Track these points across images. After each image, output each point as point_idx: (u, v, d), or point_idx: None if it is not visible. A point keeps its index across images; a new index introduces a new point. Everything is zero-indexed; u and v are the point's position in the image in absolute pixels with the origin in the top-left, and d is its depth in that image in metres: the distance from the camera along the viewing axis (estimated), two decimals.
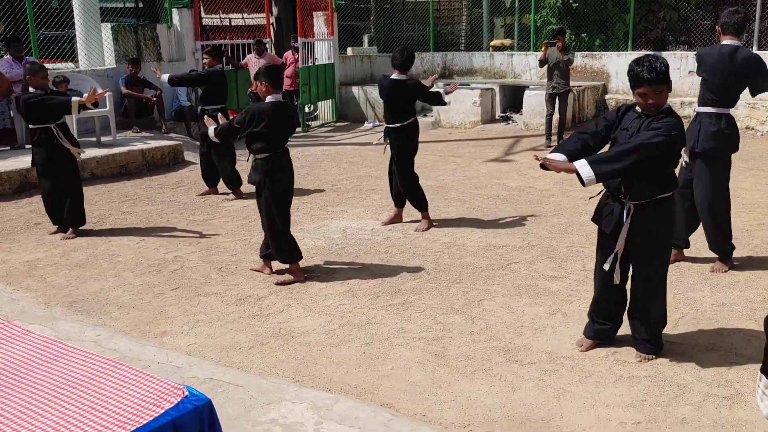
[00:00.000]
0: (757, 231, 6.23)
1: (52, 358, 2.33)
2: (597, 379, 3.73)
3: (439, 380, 3.77)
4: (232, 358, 4.09)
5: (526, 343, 4.18)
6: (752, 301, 4.70)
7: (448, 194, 7.96)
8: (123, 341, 4.27)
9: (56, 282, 5.41)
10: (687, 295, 4.85)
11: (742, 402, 3.46)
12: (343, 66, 15.09)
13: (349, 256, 5.86)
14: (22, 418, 1.99)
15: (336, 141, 12.46)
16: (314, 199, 7.94)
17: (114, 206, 7.74)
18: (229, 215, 7.32)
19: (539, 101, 12.17)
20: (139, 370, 2.23)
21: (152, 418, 1.96)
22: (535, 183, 8.50)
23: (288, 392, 3.58)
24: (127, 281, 5.40)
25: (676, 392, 3.58)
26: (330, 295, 5.02)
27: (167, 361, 3.96)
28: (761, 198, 7.40)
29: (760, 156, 9.74)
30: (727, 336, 4.20)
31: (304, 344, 4.25)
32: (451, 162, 9.99)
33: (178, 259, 5.88)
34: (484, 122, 13.33)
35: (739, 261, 5.40)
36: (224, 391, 3.60)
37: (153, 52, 12.00)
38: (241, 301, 4.96)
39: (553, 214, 7.03)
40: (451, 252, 5.91)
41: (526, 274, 5.33)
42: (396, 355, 4.07)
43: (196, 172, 9.16)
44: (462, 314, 4.63)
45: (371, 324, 4.51)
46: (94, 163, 9.02)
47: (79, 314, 4.78)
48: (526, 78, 15.36)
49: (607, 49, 14.88)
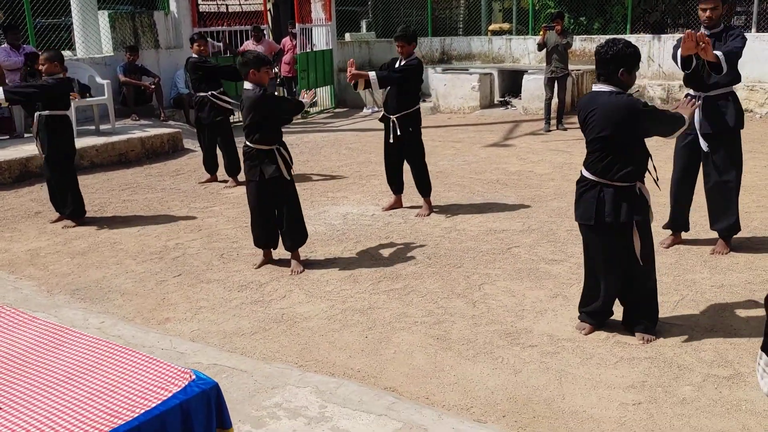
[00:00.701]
0: (756, 213, 6.25)
1: (60, 343, 2.35)
2: (598, 360, 3.77)
3: (442, 364, 3.80)
4: (235, 343, 4.12)
5: (528, 326, 4.21)
6: (751, 283, 4.73)
7: (447, 179, 7.97)
8: (127, 328, 4.29)
9: (59, 270, 5.43)
10: (686, 277, 4.88)
11: (742, 382, 3.50)
12: (341, 52, 15.04)
13: (350, 242, 5.88)
14: (32, 402, 2.01)
15: (335, 127, 12.45)
16: (314, 185, 7.95)
17: (114, 194, 7.75)
18: (229, 202, 7.33)
19: (538, 85, 12.15)
20: (147, 355, 2.25)
21: (161, 401, 1.99)
22: (535, 167, 8.51)
23: (292, 377, 3.62)
24: (129, 269, 5.42)
25: (676, 373, 3.61)
26: (331, 281, 5.04)
27: (171, 348, 3.99)
28: (760, 180, 7.41)
29: (759, 138, 9.74)
30: (726, 317, 4.23)
31: (306, 329, 4.28)
32: (450, 147, 9.99)
33: (179, 246, 5.90)
34: (483, 107, 13.31)
35: (738, 243, 5.43)
36: (228, 376, 3.63)
37: (150, 39, 11.96)
38: (244, 287, 4.99)
39: (552, 198, 7.05)
40: (452, 237, 5.93)
41: (526, 258, 5.35)
42: (398, 339, 4.10)
43: (196, 160, 9.18)
44: (463, 298, 4.66)
45: (373, 309, 4.54)
46: (93, 151, 9.02)
47: (82, 302, 4.81)
48: (524, 62, 15.31)
49: (605, 33, 14.81)
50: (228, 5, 15.45)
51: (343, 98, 14.73)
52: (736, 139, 5.19)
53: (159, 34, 12.07)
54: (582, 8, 15.49)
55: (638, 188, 3.80)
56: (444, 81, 13.58)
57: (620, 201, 3.76)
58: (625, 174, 3.75)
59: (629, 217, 3.76)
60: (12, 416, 1.94)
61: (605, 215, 3.77)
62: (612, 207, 3.76)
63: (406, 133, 6.39)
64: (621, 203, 3.76)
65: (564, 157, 9.02)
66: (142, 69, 11.30)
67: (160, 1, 12.35)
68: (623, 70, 3.71)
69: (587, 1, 15.36)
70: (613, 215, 3.76)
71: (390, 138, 6.46)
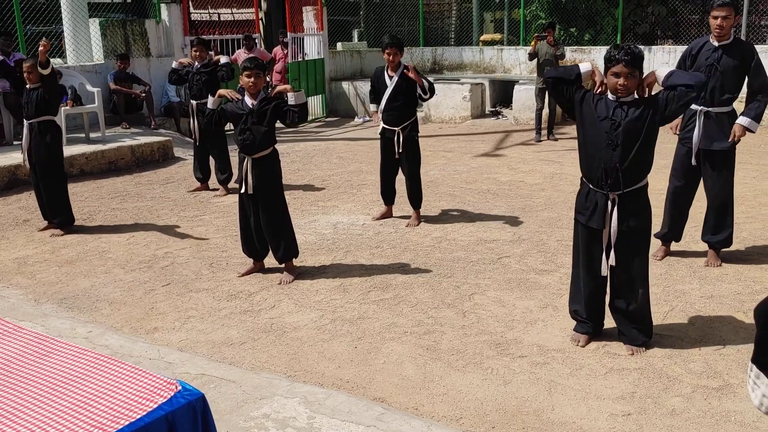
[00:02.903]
0: (745, 224, 6.28)
1: (45, 354, 2.32)
2: (587, 371, 3.76)
3: (431, 374, 3.78)
4: (224, 353, 4.09)
5: (518, 336, 4.20)
6: (741, 294, 4.74)
7: (438, 189, 7.98)
8: (114, 338, 4.26)
9: (46, 279, 5.39)
10: (676, 287, 4.88)
11: (731, 393, 3.50)
12: (333, 61, 15.06)
13: (340, 252, 5.87)
14: (15, 414, 1.98)
15: (326, 136, 12.44)
16: (305, 194, 7.93)
17: (103, 203, 7.71)
18: (219, 211, 7.31)
19: (529, 96, 12.20)
20: (132, 366, 2.23)
21: (146, 412, 1.96)
22: (526, 177, 8.53)
23: (280, 387, 3.59)
24: (117, 278, 5.39)
25: (665, 384, 3.61)
26: (321, 291, 5.02)
27: (159, 357, 3.96)
28: (749, 191, 7.45)
29: (748, 150, 9.79)
30: (716, 328, 4.24)
31: (295, 339, 4.25)
32: (441, 157, 10.00)
33: (168, 255, 5.87)
34: (474, 117, 13.35)
35: (728, 254, 5.44)
36: (216, 386, 3.60)
37: (142, 47, 11.94)
38: (233, 296, 4.96)
39: (543, 208, 7.06)
40: (442, 246, 5.92)
41: (517, 268, 5.35)
42: (388, 349, 4.09)
43: (186, 168, 9.15)
44: (453, 308, 4.64)
45: (363, 319, 4.52)
46: (83, 159, 8.97)
47: (69, 311, 4.77)
48: (515, 73, 15.38)
49: (596, 44, 14.91)
50: (220, 14, 15.47)
51: (334, 107, 14.74)
52: (730, 158, 5.19)
53: (150, 42, 12.06)
54: (573, 19, 15.59)
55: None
56: (435, 91, 13.60)
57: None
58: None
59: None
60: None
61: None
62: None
63: (410, 141, 6.35)
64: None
65: (555, 168, 9.04)
66: (132, 77, 11.27)
67: (152, 9, 12.35)
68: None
69: (578, 13, 15.47)
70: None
71: (396, 153, 6.36)
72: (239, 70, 5.13)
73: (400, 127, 6.31)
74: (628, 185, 3.76)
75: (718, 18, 4.83)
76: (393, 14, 18.85)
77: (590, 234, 3.92)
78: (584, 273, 4.01)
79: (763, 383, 2.04)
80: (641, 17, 15.20)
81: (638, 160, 3.74)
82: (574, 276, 4.14)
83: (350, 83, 14.59)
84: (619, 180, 3.74)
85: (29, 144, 6.36)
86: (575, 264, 4.11)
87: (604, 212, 3.82)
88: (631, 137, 3.70)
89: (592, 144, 3.81)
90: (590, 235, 3.93)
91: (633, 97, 3.74)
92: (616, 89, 3.70)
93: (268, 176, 5.08)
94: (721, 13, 4.82)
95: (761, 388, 2.03)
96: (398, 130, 6.31)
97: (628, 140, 3.70)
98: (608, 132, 3.73)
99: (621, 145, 3.70)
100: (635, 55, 3.62)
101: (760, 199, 7.14)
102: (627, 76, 3.65)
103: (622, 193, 3.77)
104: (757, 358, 2.06)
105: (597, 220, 3.84)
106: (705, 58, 4.99)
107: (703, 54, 5.00)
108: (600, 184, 3.80)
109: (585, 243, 3.97)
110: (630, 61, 3.61)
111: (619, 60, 3.62)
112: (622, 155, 3.71)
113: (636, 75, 3.67)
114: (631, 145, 3.71)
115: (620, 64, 3.62)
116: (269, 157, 5.09)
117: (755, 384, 2.04)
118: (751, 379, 2.05)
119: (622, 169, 3.73)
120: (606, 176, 3.76)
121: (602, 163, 3.76)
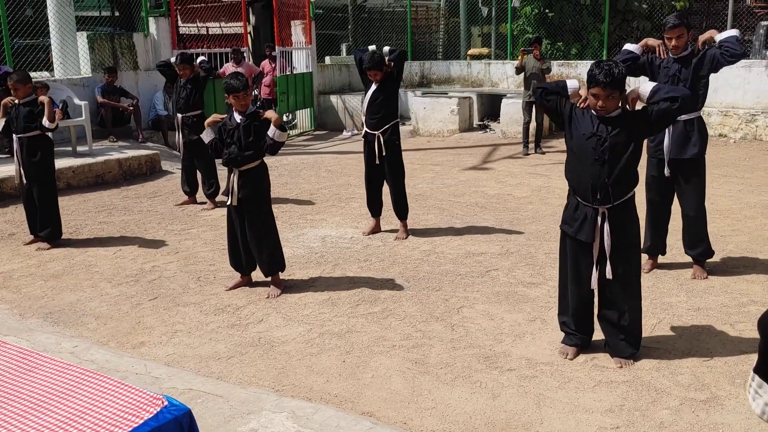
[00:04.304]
0: (731, 237, 6.32)
1: (29, 369, 2.30)
2: (576, 384, 3.76)
3: (420, 388, 3.77)
4: (211, 368, 4.06)
5: (506, 349, 4.20)
6: (727, 306, 4.76)
7: (426, 202, 7.99)
8: (100, 352, 4.22)
9: (32, 293, 5.34)
10: (663, 300, 4.90)
11: (719, 406, 3.50)
12: (321, 75, 15.10)
13: (329, 265, 5.86)
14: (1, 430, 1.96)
15: (314, 150, 12.45)
16: (293, 207, 7.92)
17: (90, 216, 7.67)
18: (207, 225, 7.28)
19: (516, 109, 12.27)
20: (118, 381, 2.21)
21: (131, 428, 1.94)
22: (513, 191, 8.56)
23: (268, 402, 3.57)
24: (104, 292, 5.35)
25: (653, 397, 3.62)
26: (309, 304, 5.01)
27: (146, 372, 3.92)
28: (734, 204, 7.51)
29: (733, 163, 9.89)
30: (703, 340, 4.26)
31: (283, 353, 4.23)
32: (429, 170, 10.03)
33: (155, 269, 5.84)
34: (462, 130, 13.41)
35: (714, 266, 5.48)
36: (204, 401, 3.57)
37: (130, 60, 11.92)
38: (220, 310, 4.93)
39: (531, 221, 7.08)
40: (431, 260, 5.93)
41: (505, 281, 5.36)
42: (376, 363, 4.07)
43: (173, 182, 9.12)
44: (442, 322, 4.64)
45: (351, 332, 4.51)
46: (70, 173, 8.93)
47: (55, 325, 4.73)
48: (503, 86, 15.47)
49: (583, 58, 15.04)
50: (208, 27, 15.47)
51: (322, 121, 14.76)
52: (701, 166, 5.24)
53: (138, 55, 12.04)
54: (559, 34, 15.73)
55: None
56: (423, 104, 13.67)
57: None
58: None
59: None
60: None
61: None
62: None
63: (390, 145, 6.40)
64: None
65: (542, 181, 9.08)
66: (120, 90, 11.24)
67: (140, 22, 12.34)
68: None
69: (565, 28, 15.60)
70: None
71: (375, 159, 6.43)
72: (223, 89, 5.13)
73: (380, 131, 6.37)
74: (617, 198, 3.79)
75: (672, 39, 5.08)
76: (381, 28, 18.94)
77: (578, 246, 3.94)
78: (572, 284, 4.03)
79: (766, 392, 2.05)
80: (627, 32, 15.35)
81: (626, 174, 3.78)
82: (561, 287, 4.15)
83: (338, 97, 14.63)
84: (609, 194, 3.77)
85: (21, 158, 6.33)
86: (562, 275, 4.13)
87: (594, 225, 3.84)
88: (617, 152, 3.74)
89: (579, 159, 3.84)
90: (578, 247, 3.94)
91: (618, 112, 3.78)
92: (597, 109, 3.75)
93: (255, 189, 5.07)
94: (673, 34, 5.07)
95: (763, 398, 2.04)
96: (378, 134, 6.37)
97: (614, 155, 3.74)
98: (594, 147, 3.76)
99: (608, 160, 3.74)
100: (614, 77, 3.65)
101: (745, 212, 7.20)
102: (606, 98, 3.69)
103: (610, 207, 3.80)
104: (759, 368, 2.07)
105: (586, 233, 3.86)
106: (666, 72, 5.13)
107: (663, 68, 5.14)
108: (589, 199, 3.82)
109: (573, 255, 3.99)
110: (609, 83, 3.65)
111: (598, 82, 3.66)
112: (609, 170, 3.74)
113: (615, 96, 3.71)
114: (618, 160, 3.74)
115: (599, 86, 3.67)
116: (257, 169, 5.08)
117: (757, 393, 2.05)
118: (753, 388, 2.06)
119: (611, 183, 3.76)
120: (594, 191, 3.79)
121: (590, 178, 3.78)
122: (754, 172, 9.38)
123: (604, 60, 3.85)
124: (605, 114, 3.75)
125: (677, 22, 5.04)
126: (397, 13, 18.70)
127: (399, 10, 18.55)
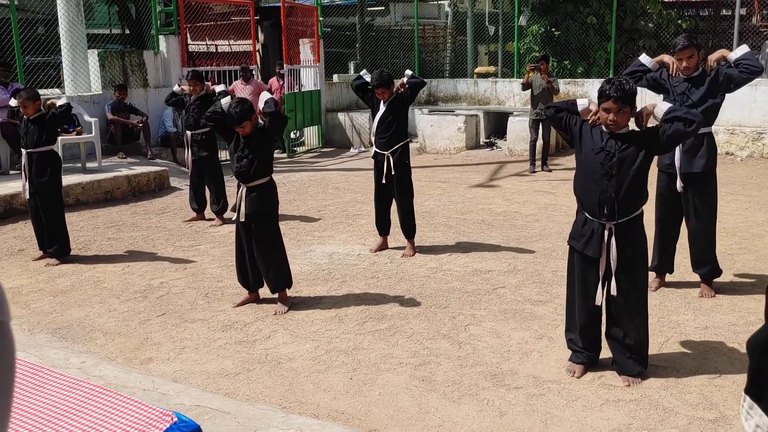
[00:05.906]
0: (738, 255, 6.31)
1: (40, 384, 2.32)
2: (583, 403, 3.75)
3: (427, 405, 3.77)
4: (218, 384, 4.07)
5: (513, 367, 4.20)
6: (735, 324, 4.75)
7: (434, 219, 8.00)
8: (108, 368, 4.23)
9: (41, 308, 5.37)
10: (671, 318, 4.89)
11: (727, 425, 3.49)
12: (329, 93, 15.20)
13: (336, 282, 5.87)
14: None
15: (322, 167, 12.50)
16: (300, 224, 7.95)
17: (99, 232, 7.71)
18: (215, 241, 7.31)
19: (523, 127, 12.30)
20: (128, 397, 2.22)
21: None
22: (520, 208, 8.57)
23: (275, 419, 3.57)
24: (112, 307, 5.37)
25: (661, 416, 3.60)
26: (317, 321, 5.02)
27: (153, 388, 3.93)
28: (742, 222, 7.50)
29: (740, 181, 9.89)
30: (711, 359, 4.24)
31: (291, 370, 4.24)
32: (436, 187, 10.05)
33: (163, 285, 5.86)
34: (468, 148, 13.45)
35: (722, 285, 5.46)
36: (211, 417, 3.58)
37: (139, 78, 12.03)
38: (228, 327, 4.95)
39: (538, 238, 7.08)
40: (438, 277, 5.93)
41: (512, 299, 5.35)
42: (383, 380, 4.07)
43: (182, 198, 9.17)
44: (449, 339, 4.64)
45: (358, 349, 4.51)
46: (79, 189, 8.99)
47: (63, 341, 4.75)
48: (510, 104, 15.53)
49: (589, 77, 15.10)
50: (217, 45, 15.61)
51: (330, 138, 14.83)
52: (711, 182, 5.25)
53: (148, 73, 12.16)
54: (566, 52, 15.80)
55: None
56: (430, 122, 13.73)
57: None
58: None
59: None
60: None
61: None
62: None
63: (400, 165, 6.41)
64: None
65: (549, 198, 9.09)
66: (130, 107, 11.34)
67: (150, 40, 12.47)
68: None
69: (571, 46, 15.67)
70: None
71: (383, 178, 6.45)
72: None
73: (390, 151, 6.39)
74: (623, 215, 3.80)
75: (683, 60, 5.07)
76: (389, 47, 19.07)
77: (585, 261, 3.94)
78: (579, 301, 4.03)
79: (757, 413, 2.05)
80: (633, 50, 15.41)
81: (633, 190, 3.79)
82: (569, 305, 4.15)
83: (346, 114, 14.71)
84: (615, 210, 3.78)
85: (29, 173, 6.39)
86: (570, 292, 4.13)
87: (601, 241, 3.84)
88: (625, 167, 3.75)
89: (587, 174, 3.86)
90: (585, 262, 3.95)
91: (628, 128, 3.80)
92: (607, 124, 3.77)
93: (263, 205, 5.10)
94: (684, 55, 5.06)
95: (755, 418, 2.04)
96: (387, 154, 6.39)
97: (622, 170, 3.75)
98: (603, 163, 3.78)
99: (615, 175, 3.75)
100: (626, 92, 3.68)
101: (752, 230, 7.19)
102: (617, 112, 3.71)
103: (618, 223, 3.81)
104: (750, 389, 2.08)
105: (593, 248, 3.87)
106: (675, 90, 5.15)
107: (673, 86, 5.16)
108: (596, 214, 3.84)
109: (580, 270, 3.99)
110: (620, 98, 3.68)
111: (609, 96, 3.69)
112: (617, 185, 3.76)
113: (627, 111, 3.74)
114: (625, 176, 3.75)
115: (610, 100, 3.70)
116: (265, 186, 5.12)
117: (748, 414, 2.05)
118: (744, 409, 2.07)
119: (618, 200, 3.77)
120: (601, 206, 3.80)
121: (598, 194, 3.80)
122: (761, 190, 9.37)
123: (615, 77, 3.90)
124: (616, 129, 3.77)
125: (687, 44, 5.04)
126: (404, 32, 18.83)
127: (406, 28, 18.69)
